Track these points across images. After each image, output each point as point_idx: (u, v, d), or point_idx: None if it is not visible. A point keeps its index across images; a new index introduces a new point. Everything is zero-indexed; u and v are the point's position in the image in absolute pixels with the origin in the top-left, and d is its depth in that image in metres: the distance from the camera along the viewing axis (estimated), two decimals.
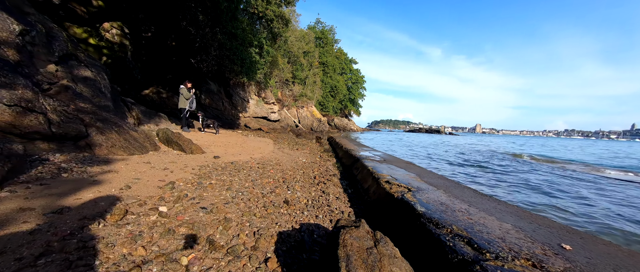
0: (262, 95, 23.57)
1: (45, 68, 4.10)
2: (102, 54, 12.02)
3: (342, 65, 44.54)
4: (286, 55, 26.97)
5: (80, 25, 11.42)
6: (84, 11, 11.58)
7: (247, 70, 12.56)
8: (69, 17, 11.13)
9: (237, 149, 6.41)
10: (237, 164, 4.82)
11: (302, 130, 25.59)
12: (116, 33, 12.71)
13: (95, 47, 11.84)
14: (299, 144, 11.32)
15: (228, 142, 7.51)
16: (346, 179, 4.72)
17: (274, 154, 6.81)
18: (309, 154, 8.06)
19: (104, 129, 3.83)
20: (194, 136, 7.44)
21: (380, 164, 4.63)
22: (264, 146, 8.21)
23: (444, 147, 17.36)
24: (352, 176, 4.69)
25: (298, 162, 6.00)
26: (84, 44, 11.51)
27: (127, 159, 3.66)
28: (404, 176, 3.47)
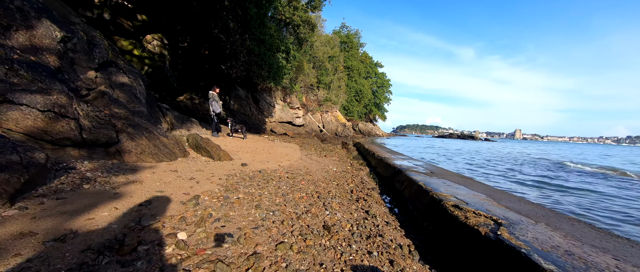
0: (288, 100, 23.70)
1: (85, 74, 4.14)
2: (144, 63, 12.90)
3: (367, 69, 43.50)
4: (311, 61, 26.98)
5: (126, 38, 12.40)
6: (130, 25, 12.56)
7: (275, 75, 12.51)
8: (118, 31, 12.14)
9: (264, 156, 6.09)
10: (265, 172, 4.43)
11: (327, 136, 25.12)
12: (157, 44, 13.60)
13: (139, 58, 12.75)
14: (326, 150, 10.79)
15: (255, 148, 7.28)
16: (388, 193, 4.03)
17: (302, 161, 6.35)
18: (338, 161, 7.47)
19: (134, 135, 3.70)
20: (222, 142, 7.34)
21: (429, 177, 3.86)
22: (291, 151, 7.83)
23: (485, 155, 15.44)
24: (395, 191, 3.98)
25: (329, 172, 5.45)
26: (129, 54, 12.45)
27: (154, 167, 3.45)
28: (473, 197, 2.69)
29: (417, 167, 5.07)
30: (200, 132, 8.36)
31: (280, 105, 21.94)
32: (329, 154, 9.20)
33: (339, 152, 10.46)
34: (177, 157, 4.32)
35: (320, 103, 29.22)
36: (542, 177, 7.48)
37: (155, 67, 13.09)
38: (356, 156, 10.08)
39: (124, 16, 12.44)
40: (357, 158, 9.44)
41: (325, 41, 28.93)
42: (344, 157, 9.00)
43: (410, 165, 5.31)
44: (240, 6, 9.85)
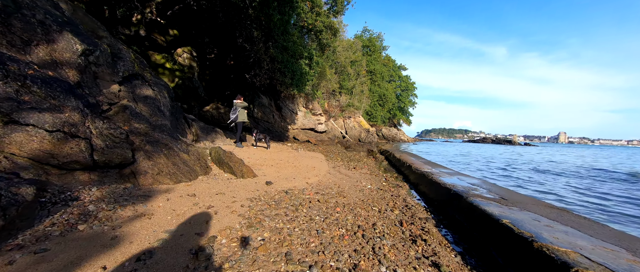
0: (310, 106, 23.36)
1: (108, 88, 3.94)
2: (175, 76, 13.37)
3: (390, 73, 41.86)
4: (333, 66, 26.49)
5: (159, 52, 12.99)
6: (163, 40, 13.15)
7: (298, 82, 12.13)
8: (152, 46, 12.75)
9: (290, 170, 5.51)
10: (292, 194, 3.80)
11: (351, 142, 24.18)
12: (187, 57, 14.09)
13: (170, 70, 13.25)
14: (353, 159, 9.97)
15: (280, 159, 6.76)
16: (448, 226, 3.13)
17: (331, 176, 5.65)
18: (370, 174, 6.62)
19: (152, 154, 3.33)
20: (246, 153, 6.96)
21: (507, 209, 2.90)
22: (318, 163, 7.19)
23: (541, 164, 13.25)
24: (458, 224, 3.08)
25: (363, 190, 4.66)
26: (162, 67, 12.98)
27: (171, 191, 3.01)
28: (606, 255, 1.75)
29: (476, 188, 4.06)
30: (224, 142, 8.14)
31: (303, 112, 21.63)
32: (358, 164, 8.37)
33: (367, 162, 9.57)
34: (198, 175, 3.89)
35: (342, 109, 28.47)
36: None
37: (185, 78, 13.51)
38: (387, 167, 9.10)
39: (158, 32, 13.06)
40: (389, 170, 8.47)
41: (347, 46, 28.33)
42: (374, 168, 8.11)
43: (466, 185, 4.31)
44: (264, 14, 9.67)
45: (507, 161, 15.40)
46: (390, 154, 11.44)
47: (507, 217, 2.46)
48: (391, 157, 10.51)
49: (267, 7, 9.42)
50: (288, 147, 11.10)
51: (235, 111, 8.07)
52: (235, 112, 8.08)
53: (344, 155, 11.52)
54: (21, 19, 2.90)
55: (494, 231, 2.40)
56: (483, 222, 2.62)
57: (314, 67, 14.44)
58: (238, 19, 10.24)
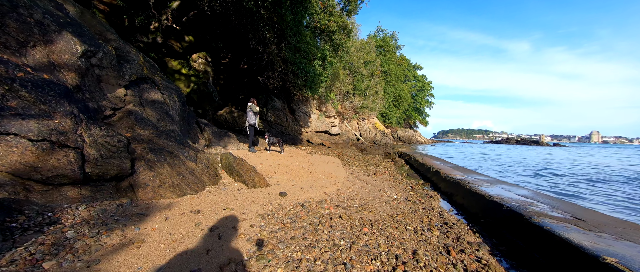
0: (323, 109, 22.90)
1: (113, 92, 3.67)
2: (191, 81, 13.46)
3: (405, 73, 40.45)
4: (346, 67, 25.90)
5: (176, 58, 13.14)
6: (179, 46, 13.30)
7: (311, 83, 11.69)
8: (169, 52, 12.92)
9: (305, 178, 5.01)
10: (310, 207, 3.28)
11: (366, 145, 23.36)
12: (201, 62, 14.17)
13: (186, 76, 13.36)
14: (371, 163, 9.29)
15: (294, 165, 6.29)
16: (507, 254, 2.45)
17: (351, 184, 5.07)
18: (393, 182, 5.95)
19: (154, 163, 2.97)
20: (259, 159, 6.57)
21: (594, 235, 2.18)
22: (334, 169, 6.63)
23: (585, 169, 11.71)
24: (521, 251, 2.39)
25: (390, 202, 4.03)
26: (178, 73, 13.11)
27: (172, 206, 2.61)
28: None
29: (532, 202, 3.30)
30: (237, 146, 7.84)
31: (316, 115, 21.19)
32: (378, 169, 7.70)
33: (386, 167, 8.86)
34: (206, 186, 3.49)
35: (356, 110, 27.73)
36: None
37: (200, 83, 13.57)
38: (410, 173, 8.33)
39: (174, 39, 13.22)
40: (412, 175, 7.70)
41: (361, 46, 27.64)
42: (395, 174, 7.39)
43: (516, 198, 3.55)
44: (276, 14, 9.36)
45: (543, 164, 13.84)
46: (410, 157, 10.61)
47: (608, 253, 1.76)
48: (412, 161, 9.70)
49: (280, 7, 9.10)
50: (302, 151, 10.65)
51: (250, 115, 7.76)
52: (250, 115, 7.76)
53: (361, 159, 10.86)
54: (17, 19, 2.66)
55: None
56: (569, 257, 1.93)
57: (328, 68, 13.95)
58: (250, 21, 10.02)
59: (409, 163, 10.00)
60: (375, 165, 8.91)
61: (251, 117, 7.83)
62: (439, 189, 5.37)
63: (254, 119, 7.86)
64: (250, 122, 7.83)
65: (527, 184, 7.30)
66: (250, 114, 7.78)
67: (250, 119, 7.81)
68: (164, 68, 12.58)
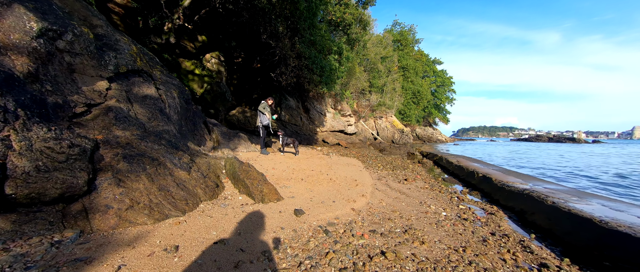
0: (338, 107, 21.85)
1: (91, 85, 2.96)
2: (204, 81, 13.07)
3: (424, 68, 38.13)
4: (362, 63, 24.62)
5: (189, 58, 12.82)
6: (192, 46, 12.95)
7: (327, 79, 10.74)
8: (182, 53, 12.60)
9: (325, 187, 4.06)
10: (336, 235, 2.33)
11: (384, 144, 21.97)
12: (215, 62, 13.76)
13: (199, 76, 12.99)
14: (396, 166, 8.13)
15: (311, 169, 5.37)
16: None
17: (382, 194, 4.05)
18: (430, 190, 4.82)
19: (126, 175, 2.18)
20: (271, 162, 5.74)
21: None
22: (357, 173, 5.62)
23: None
24: None
25: (442, 224, 2.96)
26: (191, 74, 12.76)
27: (140, 240, 1.79)
28: None
29: None
30: (249, 148, 7.09)
31: (332, 114, 20.20)
32: (407, 174, 6.55)
33: (416, 170, 7.65)
34: (199, 203, 2.67)
35: (373, 108, 26.33)
36: None
37: (213, 83, 13.17)
38: (443, 177, 7.07)
39: (187, 39, 12.88)
40: (450, 181, 6.46)
41: (377, 41, 26.19)
42: (428, 178, 6.21)
43: (634, 221, 2.35)
44: (289, 2, 8.53)
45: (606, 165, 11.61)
46: (440, 158, 9.27)
47: None
48: (444, 163, 8.39)
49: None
50: (318, 152, 9.72)
51: (263, 114, 6.98)
52: (262, 115, 6.98)
53: (383, 160, 9.70)
54: None
55: None
56: None
57: (344, 62, 12.91)
58: (262, 14, 9.29)
59: (440, 165, 8.69)
60: (402, 168, 7.75)
61: (264, 117, 7.05)
62: (497, 202, 4.14)
63: (267, 120, 7.06)
64: (263, 123, 7.05)
65: (620, 196, 5.62)
66: (263, 113, 7.00)
67: (263, 119, 7.03)
68: (177, 69, 12.28)
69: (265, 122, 7.01)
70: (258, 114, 6.99)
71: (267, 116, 7.01)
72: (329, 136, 18.14)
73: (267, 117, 6.99)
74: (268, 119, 7.08)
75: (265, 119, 7.01)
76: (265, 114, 6.98)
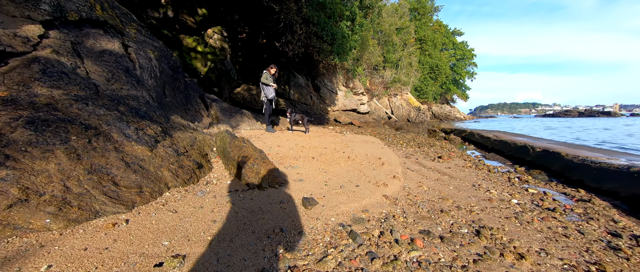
0: (350, 85, 20.33)
1: (12, 28, 2.07)
2: (207, 59, 12.15)
3: (443, 40, 34.60)
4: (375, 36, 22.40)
5: (190, 35, 11.81)
6: (193, 21, 11.85)
7: (338, 48, 9.37)
8: (182, 29, 11.58)
9: (343, 166, 3.11)
10: (366, 239, 1.40)
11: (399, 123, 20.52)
12: (217, 38, 12.68)
13: (202, 54, 12.05)
14: (421, 143, 6.99)
15: (324, 147, 4.42)
16: None
17: (417, 175, 3.05)
18: (476, 169, 3.74)
19: (24, 150, 1.33)
20: (276, 139, 4.84)
21: None
22: (379, 151, 4.60)
23: None
24: None
25: (516, 212, 1.95)
26: (194, 52, 11.84)
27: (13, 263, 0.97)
28: None
29: None
30: (253, 126, 6.22)
31: (343, 92, 18.80)
32: (438, 150, 5.44)
33: (446, 147, 6.49)
34: (164, 190, 1.82)
35: (387, 86, 24.44)
36: None
37: (217, 61, 12.22)
38: (479, 154, 5.87)
39: (187, 13, 11.76)
40: (493, 158, 5.28)
41: (392, 10, 23.52)
42: (466, 156, 5.09)
43: None
44: None
45: None
46: (470, 133, 7.97)
47: None
48: (477, 138, 7.11)
49: None
50: (330, 131, 8.74)
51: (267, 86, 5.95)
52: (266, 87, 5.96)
53: (403, 137, 8.56)
54: None
55: None
56: None
57: (357, 30, 11.30)
58: None
59: (472, 141, 7.42)
60: (428, 145, 6.61)
61: (269, 90, 6.04)
62: (579, 183, 2.99)
63: (272, 92, 6.07)
64: (269, 96, 6.07)
65: None
66: (267, 85, 5.98)
67: (267, 92, 6.03)
68: (178, 46, 11.37)
69: (270, 96, 6.03)
70: (261, 87, 5.99)
71: (271, 88, 6.01)
72: (341, 115, 16.98)
73: (272, 88, 5.99)
74: (273, 90, 6.08)
75: (270, 91, 6.02)
76: (269, 86, 5.97)
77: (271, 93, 6.00)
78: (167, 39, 10.98)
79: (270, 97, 6.05)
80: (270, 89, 5.96)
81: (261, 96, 6.04)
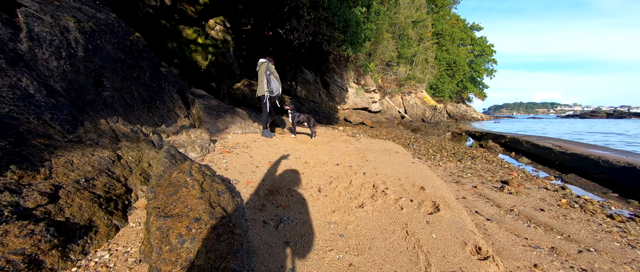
0: (361, 82, 18.71)
1: None
2: (208, 52, 11.00)
3: (461, 35, 32.01)
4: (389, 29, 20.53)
5: (190, 25, 10.66)
6: (193, 10, 10.67)
7: (352, 37, 7.88)
8: (182, 19, 10.45)
9: (372, 214, 1.74)
10: None
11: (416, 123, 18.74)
12: (220, 29, 11.47)
13: (203, 46, 10.89)
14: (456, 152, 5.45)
15: (335, 164, 3.04)
16: None
17: (509, 239, 1.62)
18: (585, 214, 2.26)
19: None
20: (273, 147, 3.51)
21: None
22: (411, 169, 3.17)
23: None
24: None
25: None
26: (194, 44, 10.70)
27: None
28: None
29: None
30: (246, 128, 4.93)
31: (354, 89, 17.24)
32: (490, 168, 3.92)
33: (491, 159, 4.92)
34: None
35: (400, 83, 22.58)
36: None
37: (218, 54, 11.03)
38: (542, 173, 4.27)
39: (187, 1, 10.56)
40: (572, 181, 3.71)
41: (408, 2, 21.50)
42: (543, 182, 3.56)
43: None
44: None
45: None
46: (514, 140, 6.32)
47: None
48: (530, 149, 5.46)
49: None
50: (340, 133, 7.33)
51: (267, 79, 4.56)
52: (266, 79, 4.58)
53: (428, 143, 7.02)
54: None
55: None
56: None
57: (373, 18, 9.71)
58: None
59: (522, 151, 5.78)
60: (468, 156, 5.07)
61: (275, 83, 4.66)
62: None
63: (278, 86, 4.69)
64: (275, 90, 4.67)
65: None
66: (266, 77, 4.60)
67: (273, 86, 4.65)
68: (177, 38, 10.26)
69: (276, 90, 4.65)
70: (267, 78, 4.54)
71: (277, 83, 4.63)
72: (351, 114, 15.46)
73: (278, 84, 4.61)
74: (279, 86, 4.71)
75: (276, 85, 4.63)
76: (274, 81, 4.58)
77: (277, 87, 4.63)
78: (164, 30, 9.87)
79: (276, 93, 4.69)
80: (276, 83, 4.59)
81: (258, 91, 4.68)
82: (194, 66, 10.40)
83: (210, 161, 2.46)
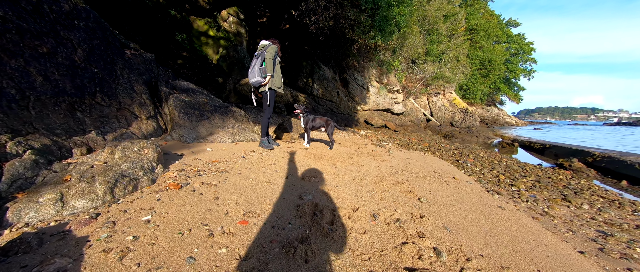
0: (384, 81, 16.76)
1: None
2: (219, 45, 10.02)
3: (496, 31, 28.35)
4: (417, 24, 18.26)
5: (202, 16, 9.73)
6: (205, 0, 9.75)
7: (382, 22, 6.24)
8: (193, 9, 9.55)
9: None
10: None
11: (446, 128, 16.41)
12: (233, 20, 10.41)
13: (214, 39, 9.91)
14: (539, 177, 3.62)
15: (369, 213, 1.58)
16: None
17: None
18: None
19: None
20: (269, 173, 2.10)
21: None
22: (507, 224, 1.60)
23: None
24: None
25: None
26: (205, 36, 9.77)
27: None
28: None
29: None
30: (239, 136, 3.59)
31: (376, 88, 15.40)
32: (615, 217, 2.16)
33: (599, 193, 3.07)
34: None
35: (426, 83, 20.20)
36: None
37: (229, 47, 9.96)
38: None
39: None
40: None
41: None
42: None
43: None
44: None
45: None
46: (623, 163, 4.29)
47: None
48: None
49: None
50: (363, 139, 5.76)
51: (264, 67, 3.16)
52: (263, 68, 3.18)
53: (480, 158, 5.18)
54: None
55: None
56: None
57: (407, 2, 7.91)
58: None
59: (630, 178, 3.79)
60: (547, 180, 3.25)
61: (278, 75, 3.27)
62: None
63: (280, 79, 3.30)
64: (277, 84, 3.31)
65: None
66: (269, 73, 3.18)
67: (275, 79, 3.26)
68: (188, 30, 9.35)
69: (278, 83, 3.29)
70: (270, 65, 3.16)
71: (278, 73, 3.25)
72: (372, 115, 13.69)
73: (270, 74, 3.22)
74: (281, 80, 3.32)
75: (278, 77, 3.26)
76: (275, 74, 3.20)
77: (279, 80, 3.24)
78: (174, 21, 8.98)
79: (278, 85, 3.31)
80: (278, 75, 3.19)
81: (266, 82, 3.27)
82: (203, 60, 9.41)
83: (106, 222, 1.13)
